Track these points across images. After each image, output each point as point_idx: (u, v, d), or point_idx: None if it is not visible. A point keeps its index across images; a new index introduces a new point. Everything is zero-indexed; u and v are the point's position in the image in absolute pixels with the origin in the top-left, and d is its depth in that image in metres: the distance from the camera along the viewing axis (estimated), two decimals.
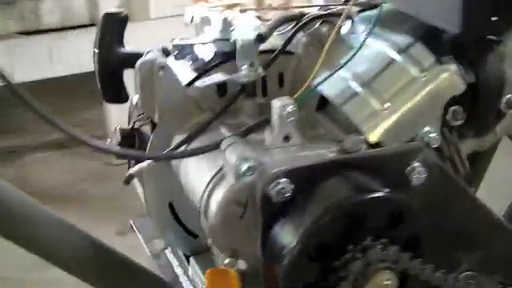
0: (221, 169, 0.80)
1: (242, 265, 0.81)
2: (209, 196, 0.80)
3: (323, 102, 0.91)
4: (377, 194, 0.75)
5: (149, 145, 0.91)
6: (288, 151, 0.80)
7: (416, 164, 0.80)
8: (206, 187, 0.80)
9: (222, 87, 0.90)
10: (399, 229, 0.77)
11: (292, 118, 0.80)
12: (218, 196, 0.78)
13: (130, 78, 0.94)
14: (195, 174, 0.85)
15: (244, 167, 0.76)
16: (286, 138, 0.81)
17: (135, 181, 0.95)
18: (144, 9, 2.45)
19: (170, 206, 0.95)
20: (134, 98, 0.99)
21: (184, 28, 1.00)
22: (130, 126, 0.96)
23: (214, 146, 0.82)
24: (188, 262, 0.99)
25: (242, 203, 0.77)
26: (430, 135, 0.84)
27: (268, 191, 0.75)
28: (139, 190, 0.95)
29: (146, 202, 0.94)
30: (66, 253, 0.85)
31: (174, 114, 0.89)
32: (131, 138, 0.93)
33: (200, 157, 0.84)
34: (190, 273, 0.99)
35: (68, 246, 0.85)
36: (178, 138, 0.89)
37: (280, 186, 0.74)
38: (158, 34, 2.19)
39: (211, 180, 0.80)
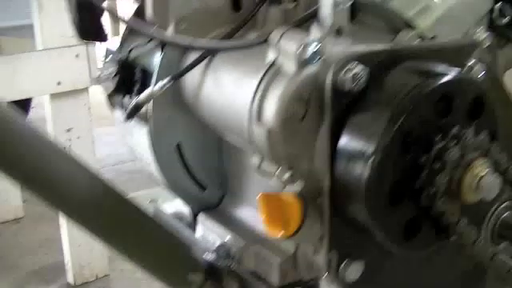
0: (273, 64, 0.67)
1: (298, 185, 0.68)
2: (262, 97, 0.66)
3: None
4: (463, 77, 0.66)
5: (158, 66, 0.76)
6: (343, 44, 0.69)
7: (473, 61, 0.72)
8: (257, 89, 0.67)
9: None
10: (482, 119, 0.68)
11: (345, 6, 0.69)
12: (277, 93, 0.65)
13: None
14: (232, 83, 0.71)
15: (308, 52, 0.64)
16: (338, 32, 0.70)
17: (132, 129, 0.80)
18: None
19: (178, 148, 0.80)
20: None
21: None
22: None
23: (262, 40, 0.69)
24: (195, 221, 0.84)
25: (304, 100, 0.65)
26: (480, 34, 0.77)
27: (339, 79, 0.63)
28: (141, 131, 0.80)
29: (152, 144, 0.78)
30: (75, 192, 0.68)
31: (192, 24, 0.75)
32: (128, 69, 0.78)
33: (235, 63, 0.71)
34: (197, 232, 0.84)
35: (77, 185, 0.68)
36: (192, 57, 0.75)
37: (354, 72, 0.63)
38: None
39: (262, 79, 0.67)
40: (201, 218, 0.83)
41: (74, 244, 2.23)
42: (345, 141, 0.65)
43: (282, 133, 0.65)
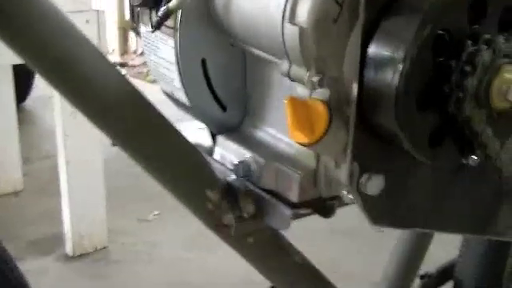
0: None
1: (325, 93, 0.67)
2: None
3: None
4: None
5: None
6: None
7: None
8: None
9: None
10: None
11: None
12: None
13: None
14: None
15: None
16: None
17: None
18: None
19: (203, 63, 0.79)
20: None
21: None
22: None
23: None
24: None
25: (338, 0, 0.65)
26: None
27: None
28: (166, 45, 0.79)
29: (177, 57, 0.78)
30: (99, 91, 0.68)
31: None
32: None
33: None
34: (216, 154, 0.83)
35: (102, 83, 0.68)
36: None
37: None
38: None
39: None
40: (220, 139, 0.83)
41: (74, 215, 2.22)
42: (375, 46, 0.65)
43: (314, 33, 0.64)
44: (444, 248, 1.34)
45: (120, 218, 2.43)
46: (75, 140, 2.18)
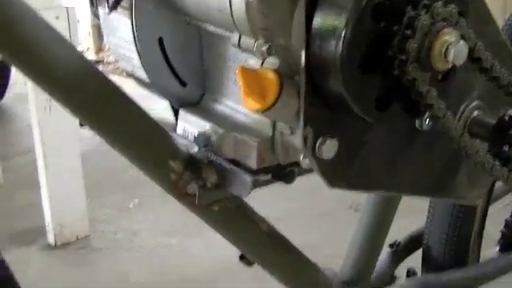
0: None
1: (275, 62, 0.71)
2: None
3: None
4: None
5: None
6: None
7: None
8: None
9: None
10: None
11: None
12: None
13: None
14: None
15: None
16: None
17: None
18: None
19: (160, 42, 0.82)
20: None
21: None
22: None
23: None
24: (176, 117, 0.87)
25: None
26: None
27: None
28: (124, 25, 0.82)
29: (135, 36, 0.81)
30: (59, 67, 0.70)
31: None
32: None
33: None
34: (178, 128, 0.86)
35: (61, 60, 0.70)
36: None
37: None
38: None
39: None
40: (181, 113, 0.86)
41: (55, 206, 2.24)
42: (319, 15, 0.68)
43: (260, 4, 0.67)
44: None
45: (100, 208, 2.45)
46: (51, 134, 2.20)
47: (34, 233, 2.34)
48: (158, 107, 0.91)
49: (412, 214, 1.48)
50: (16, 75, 3.76)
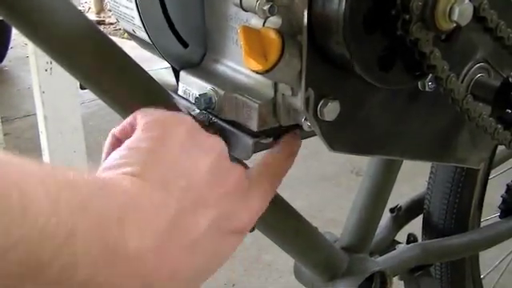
0: None
1: (277, 21, 0.69)
2: None
3: None
4: None
5: None
6: None
7: None
8: None
9: None
10: None
11: None
12: None
13: None
14: None
15: None
16: None
17: None
18: None
19: (162, 3, 0.81)
20: None
21: None
22: None
23: None
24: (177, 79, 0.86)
25: None
26: None
27: None
28: None
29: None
30: (60, 27, 0.69)
31: None
32: None
33: None
34: (179, 90, 0.85)
35: (62, 20, 0.69)
36: None
37: None
38: None
39: None
40: (182, 75, 0.85)
41: None
42: None
43: None
44: None
45: None
46: (52, 96, 2.19)
47: None
48: (157, 67, 0.91)
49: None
50: (16, 38, 3.73)
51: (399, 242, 1.35)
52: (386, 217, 1.35)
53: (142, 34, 0.83)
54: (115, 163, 0.59)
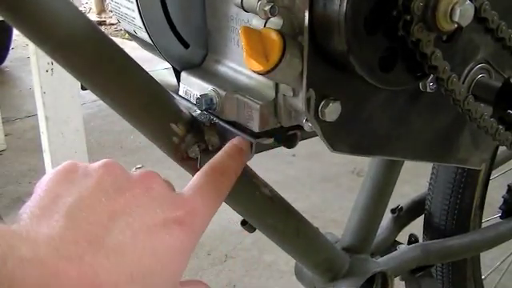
0: None
1: (278, 22, 0.69)
2: None
3: None
4: None
5: None
6: None
7: None
8: None
9: None
10: None
11: None
12: None
13: None
14: None
15: None
16: None
17: None
18: None
19: (162, 1, 0.81)
20: None
21: None
22: None
23: None
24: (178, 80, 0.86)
25: None
26: None
27: None
28: None
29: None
30: (60, 27, 0.69)
31: None
32: None
33: None
34: (181, 90, 0.85)
35: (62, 19, 0.69)
36: None
37: None
38: None
39: None
40: (183, 75, 0.85)
41: None
42: None
43: None
44: None
45: None
46: (53, 97, 2.20)
47: None
48: (158, 68, 0.91)
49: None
50: (17, 39, 3.73)
51: (400, 243, 1.34)
52: (387, 217, 1.35)
53: (143, 35, 0.83)
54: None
